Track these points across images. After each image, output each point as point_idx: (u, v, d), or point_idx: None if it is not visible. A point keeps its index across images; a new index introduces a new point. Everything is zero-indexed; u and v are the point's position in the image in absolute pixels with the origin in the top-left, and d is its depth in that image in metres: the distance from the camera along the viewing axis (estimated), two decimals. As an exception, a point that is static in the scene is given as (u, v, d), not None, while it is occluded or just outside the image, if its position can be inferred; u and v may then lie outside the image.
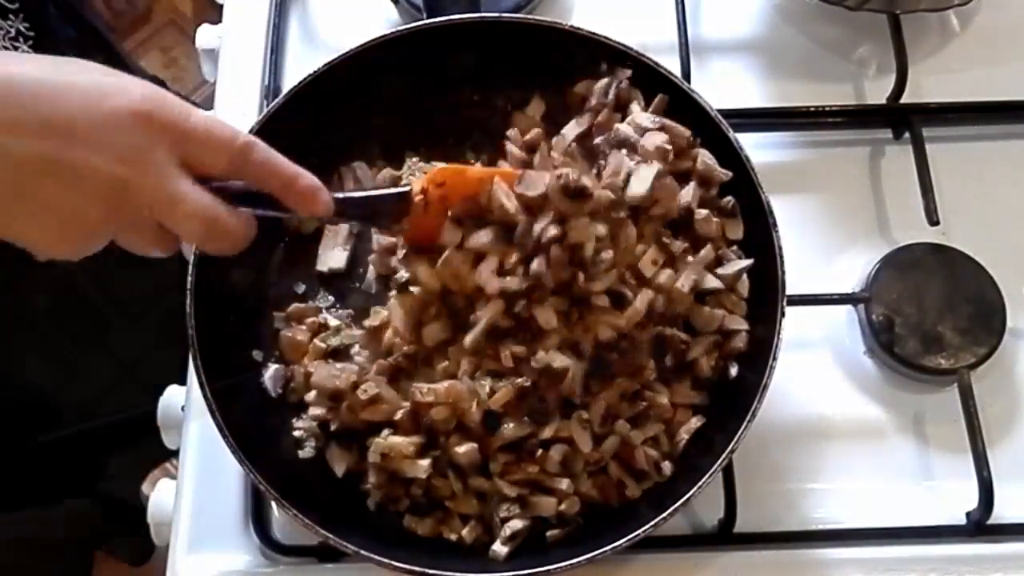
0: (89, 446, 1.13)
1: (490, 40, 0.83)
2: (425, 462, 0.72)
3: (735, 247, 0.78)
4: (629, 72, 0.80)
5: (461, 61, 0.83)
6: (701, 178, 0.76)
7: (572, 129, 0.80)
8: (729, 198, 0.77)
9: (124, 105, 0.55)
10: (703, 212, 0.76)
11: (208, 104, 0.94)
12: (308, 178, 0.62)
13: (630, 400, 0.73)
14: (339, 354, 0.78)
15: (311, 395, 0.75)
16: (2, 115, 0.53)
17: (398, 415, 0.72)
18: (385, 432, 0.73)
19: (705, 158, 0.77)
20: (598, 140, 0.79)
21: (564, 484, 0.72)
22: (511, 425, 0.71)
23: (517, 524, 0.72)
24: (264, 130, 0.78)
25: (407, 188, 0.72)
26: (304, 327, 0.78)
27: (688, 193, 0.75)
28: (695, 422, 0.74)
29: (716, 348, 0.75)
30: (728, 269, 0.76)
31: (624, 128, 0.77)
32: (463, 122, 0.85)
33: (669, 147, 0.75)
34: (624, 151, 0.76)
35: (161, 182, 0.56)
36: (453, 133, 0.84)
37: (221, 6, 0.98)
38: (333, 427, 0.74)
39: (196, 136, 0.57)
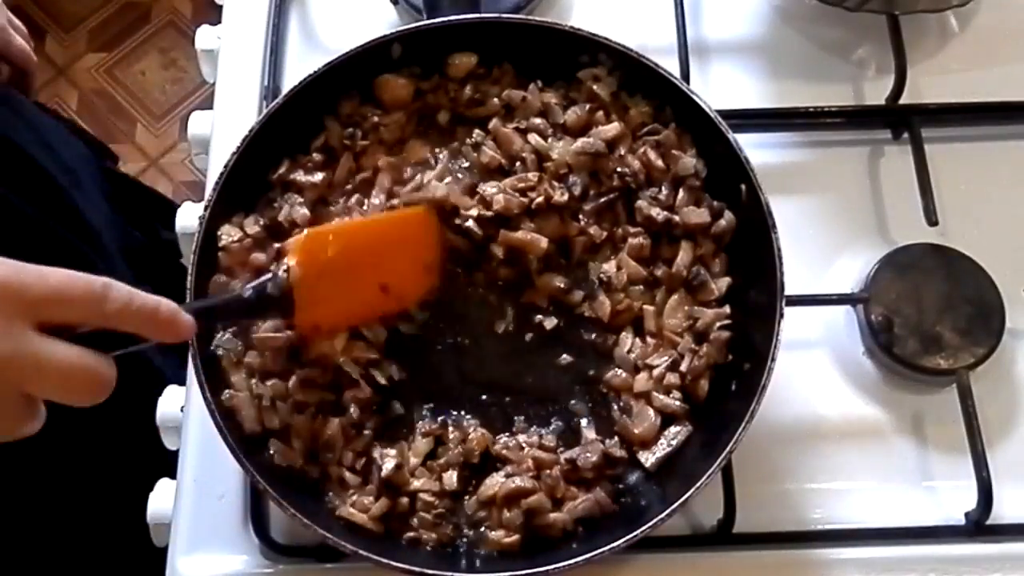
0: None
1: (490, 40, 0.83)
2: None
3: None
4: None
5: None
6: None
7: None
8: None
9: None
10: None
11: (208, 104, 0.94)
12: (165, 308, 0.60)
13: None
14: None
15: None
16: None
17: None
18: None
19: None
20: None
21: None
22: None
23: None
24: (264, 130, 0.79)
25: (279, 277, 0.69)
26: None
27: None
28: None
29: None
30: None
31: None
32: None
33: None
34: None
35: (27, 350, 0.54)
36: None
37: (221, 7, 0.98)
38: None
39: (52, 298, 0.56)
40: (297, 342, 0.74)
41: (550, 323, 0.79)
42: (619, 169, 0.80)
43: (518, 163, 0.81)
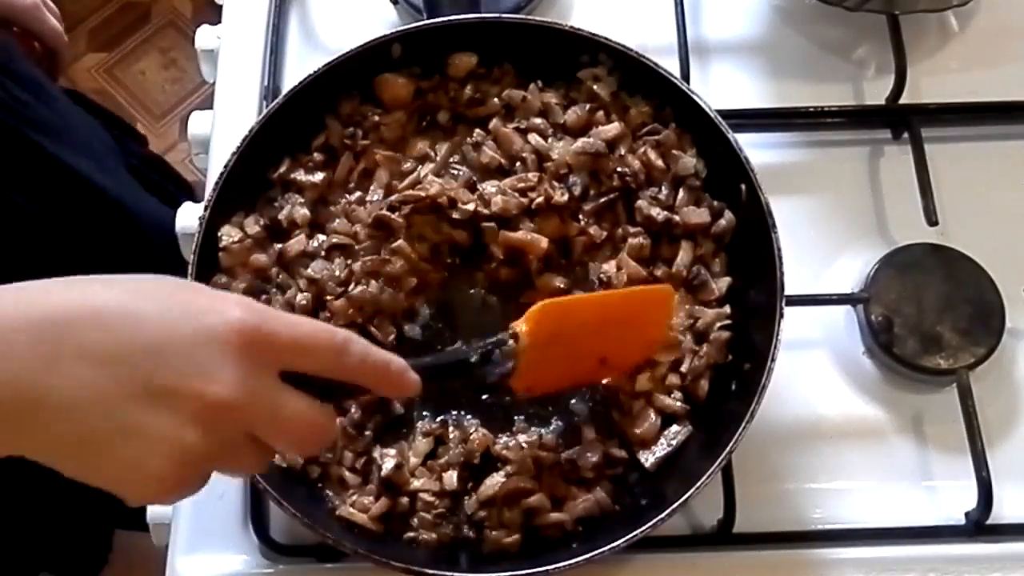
0: None
1: (490, 40, 0.83)
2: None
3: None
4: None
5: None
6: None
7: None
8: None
9: (221, 324, 0.52)
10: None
11: (208, 104, 0.94)
12: (396, 364, 0.59)
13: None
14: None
15: None
16: (89, 344, 0.50)
17: None
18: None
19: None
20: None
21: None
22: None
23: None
24: (264, 130, 0.79)
25: (507, 346, 0.67)
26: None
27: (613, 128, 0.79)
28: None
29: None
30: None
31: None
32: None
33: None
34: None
35: (267, 399, 0.54)
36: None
37: (220, 7, 0.98)
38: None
39: (297, 348, 0.55)
40: None
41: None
42: (619, 169, 0.80)
43: (518, 163, 0.81)
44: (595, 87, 0.82)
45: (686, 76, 0.88)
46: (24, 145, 0.98)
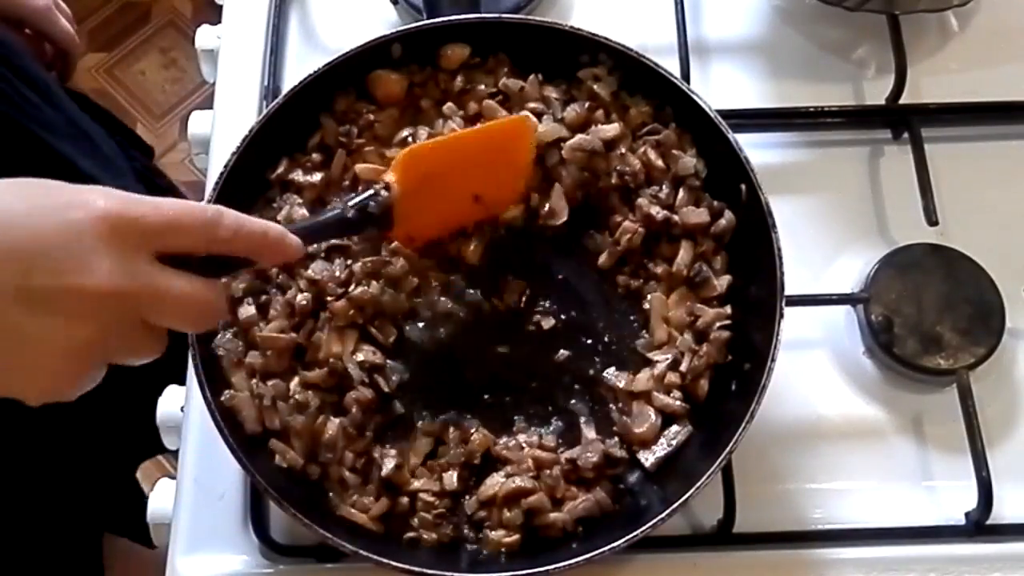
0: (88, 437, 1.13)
1: (490, 40, 0.83)
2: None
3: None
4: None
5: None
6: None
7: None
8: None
9: (87, 216, 0.53)
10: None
11: (208, 104, 0.94)
12: (274, 230, 0.61)
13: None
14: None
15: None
16: None
17: None
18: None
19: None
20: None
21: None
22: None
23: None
24: (264, 130, 0.79)
25: (380, 195, 0.70)
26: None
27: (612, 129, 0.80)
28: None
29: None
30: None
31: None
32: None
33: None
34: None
35: (146, 281, 0.55)
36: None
37: (221, 7, 0.98)
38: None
39: (167, 227, 0.56)
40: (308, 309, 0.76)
41: (548, 323, 0.79)
42: (619, 168, 0.80)
43: None
44: (595, 87, 0.82)
45: (686, 76, 0.88)
46: (34, 144, 0.98)
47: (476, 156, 0.76)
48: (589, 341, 0.79)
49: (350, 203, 0.70)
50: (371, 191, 0.71)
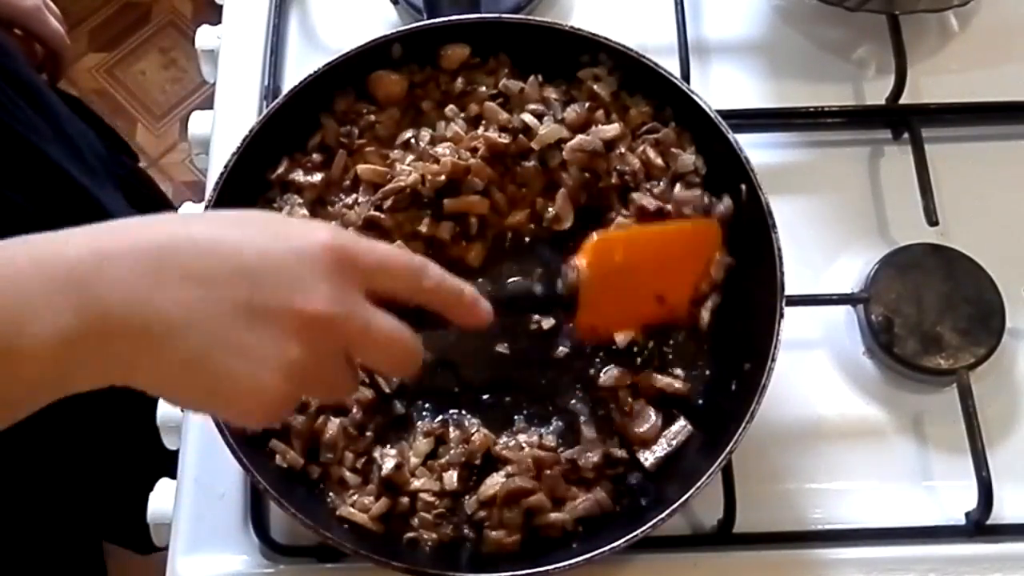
0: (92, 442, 1.13)
1: (490, 40, 0.83)
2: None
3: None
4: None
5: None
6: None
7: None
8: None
9: (311, 244, 0.55)
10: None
11: (208, 104, 0.94)
12: (470, 291, 0.62)
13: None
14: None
15: None
16: (190, 268, 0.52)
17: None
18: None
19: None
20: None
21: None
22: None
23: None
24: (264, 130, 0.79)
25: (568, 277, 0.70)
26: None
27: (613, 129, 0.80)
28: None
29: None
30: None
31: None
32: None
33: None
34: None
35: (358, 314, 0.56)
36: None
37: (221, 7, 0.98)
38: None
39: (379, 268, 0.58)
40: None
41: (548, 323, 0.79)
42: (618, 167, 0.80)
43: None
44: (595, 87, 0.82)
45: (686, 76, 0.88)
46: (20, 145, 0.98)
47: (667, 251, 0.76)
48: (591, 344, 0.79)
49: (538, 280, 0.72)
50: (560, 272, 0.72)
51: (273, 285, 0.53)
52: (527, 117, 0.80)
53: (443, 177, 0.78)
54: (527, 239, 0.81)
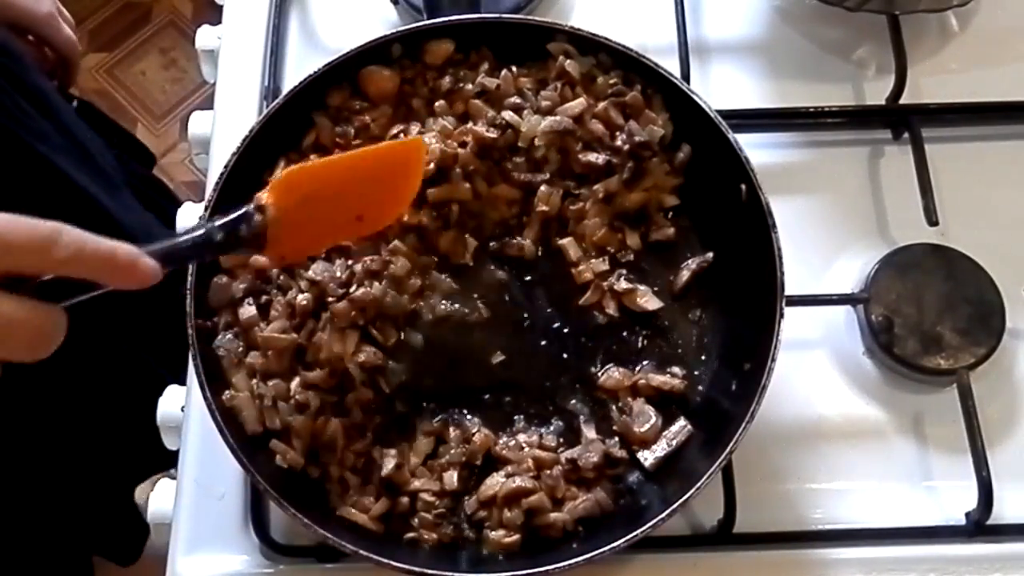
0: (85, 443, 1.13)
1: (490, 40, 0.83)
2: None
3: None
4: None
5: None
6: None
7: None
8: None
9: None
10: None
11: (208, 104, 0.94)
12: (124, 251, 0.55)
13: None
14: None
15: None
16: None
17: None
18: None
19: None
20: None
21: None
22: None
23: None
24: (264, 130, 0.79)
25: (253, 219, 0.65)
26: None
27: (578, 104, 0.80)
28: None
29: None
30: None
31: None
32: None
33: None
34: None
35: None
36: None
37: (221, 7, 0.98)
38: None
39: None
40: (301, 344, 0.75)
41: (547, 322, 0.79)
42: (580, 135, 0.80)
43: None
44: (566, 64, 0.82)
45: (686, 76, 0.88)
46: (27, 155, 0.98)
47: (363, 177, 0.72)
48: (591, 344, 0.79)
49: (218, 223, 0.65)
50: (243, 212, 0.66)
51: None
52: (508, 115, 0.80)
53: (432, 165, 0.78)
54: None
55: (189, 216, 0.91)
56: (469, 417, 0.76)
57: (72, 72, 1.13)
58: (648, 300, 0.79)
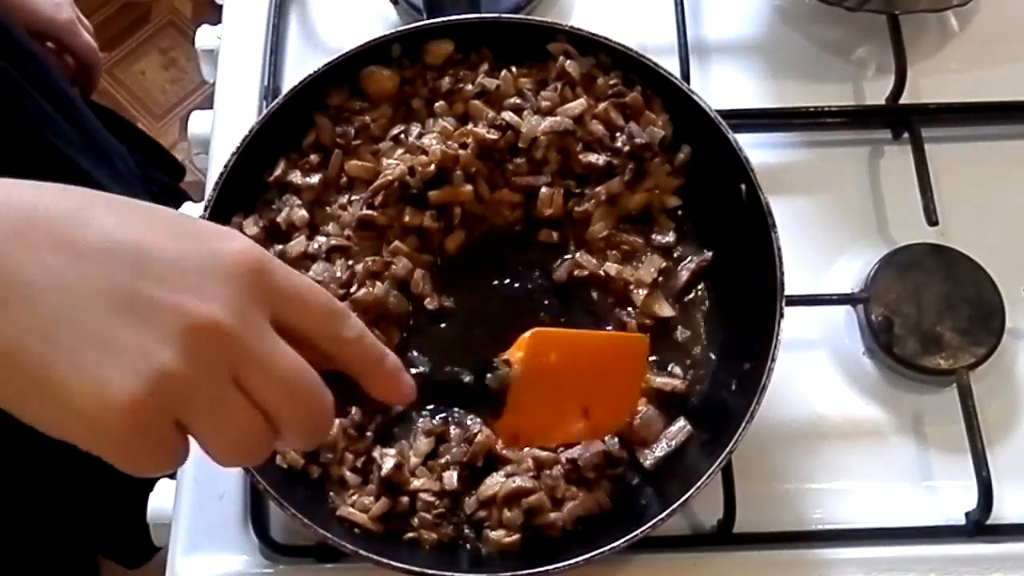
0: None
1: (490, 40, 0.83)
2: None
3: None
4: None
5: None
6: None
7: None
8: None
9: (223, 248, 0.47)
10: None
11: (208, 104, 0.94)
12: (393, 360, 0.54)
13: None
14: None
15: None
16: (69, 237, 0.44)
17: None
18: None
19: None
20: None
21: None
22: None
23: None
24: (264, 130, 0.79)
25: (501, 370, 0.64)
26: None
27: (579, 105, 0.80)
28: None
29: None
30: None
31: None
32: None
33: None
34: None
35: (258, 334, 0.46)
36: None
37: (221, 7, 0.98)
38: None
39: (295, 296, 0.49)
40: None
41: (548, 323, 0.79)
42: (580, 135, 0.80)
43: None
44: (566, 65, 0.82)
45: (686, 76, 0.88)
46: (51, 154, 0.98)
47: (595, 361, 0.70)
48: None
49: (468, 370, 0.65)
50: (491, 361, 0.65)
51: (166, 276, 0.45)
52: (508, 116, 0.80)
53: (432, 167, 0.78)
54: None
55: (189, 216, 0.91)
56: (470, 417, 0.76)
57: (93, 78, 1.14)
58: (663, 307, 0.79)
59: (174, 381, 0.44)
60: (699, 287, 0.80)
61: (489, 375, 0.64)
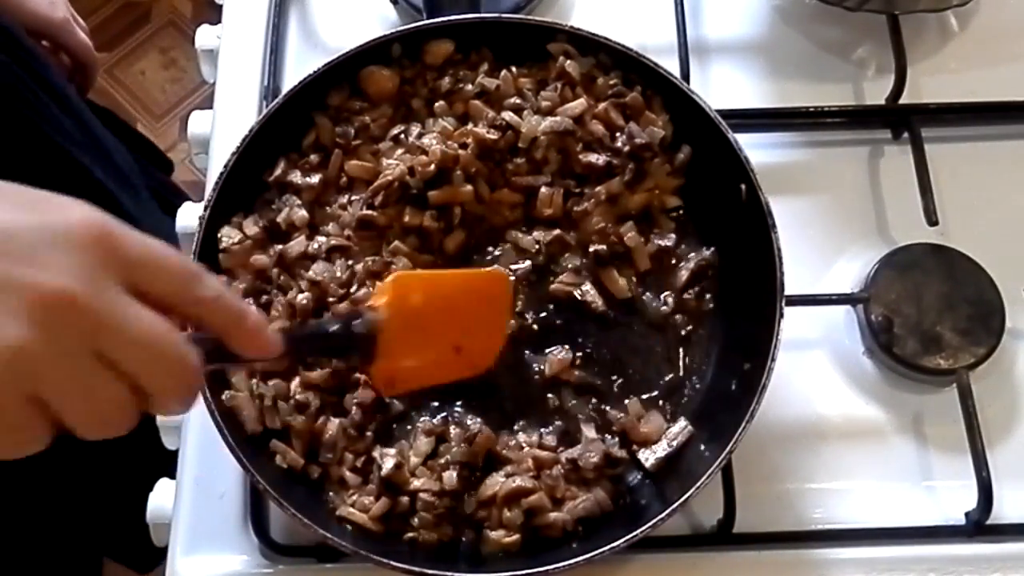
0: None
1: (490, 40, 0.83)
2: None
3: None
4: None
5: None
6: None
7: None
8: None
9: (66, 218, 0.46)
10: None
11: (208, 104, 0.94)
12: (255, 316, 0.54)
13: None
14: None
15: None
16: None
17: None
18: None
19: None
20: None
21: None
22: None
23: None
24: (264, 130, 0.79)
25: (368, 316, 0.64)
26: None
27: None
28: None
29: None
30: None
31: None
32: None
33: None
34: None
35: (110, 300, 0.46)
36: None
37: (221, 7, 0.98)
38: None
39: (146, 260, 0.48)
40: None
41: (548, 322, 0.79)
42: (580, 135, 0.80)
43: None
44: (566, 65, 0.82)
45: (686, 76, 0.88)
46: (53, 150, 0.98)
47: (462, 299, 0.71)
48: (589, 347, 0.79)
49: (334, 319, 0.66)
50: (357, 309, 0.66)
51: (8, 251, 0.44)
52: (508, 115, 0.80)
53: (432, 167, 0.78)
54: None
55: (189, 216, 0.91)
56: (470, 416, 0.76)
57: (90, 77, 1.14)
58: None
59: (25, 357, 0.43)
60: (699, 287, 0.80)
61: (356, 321, 0.64)
